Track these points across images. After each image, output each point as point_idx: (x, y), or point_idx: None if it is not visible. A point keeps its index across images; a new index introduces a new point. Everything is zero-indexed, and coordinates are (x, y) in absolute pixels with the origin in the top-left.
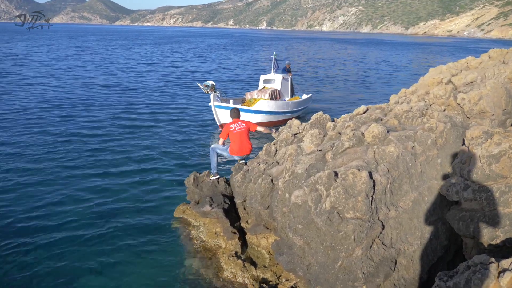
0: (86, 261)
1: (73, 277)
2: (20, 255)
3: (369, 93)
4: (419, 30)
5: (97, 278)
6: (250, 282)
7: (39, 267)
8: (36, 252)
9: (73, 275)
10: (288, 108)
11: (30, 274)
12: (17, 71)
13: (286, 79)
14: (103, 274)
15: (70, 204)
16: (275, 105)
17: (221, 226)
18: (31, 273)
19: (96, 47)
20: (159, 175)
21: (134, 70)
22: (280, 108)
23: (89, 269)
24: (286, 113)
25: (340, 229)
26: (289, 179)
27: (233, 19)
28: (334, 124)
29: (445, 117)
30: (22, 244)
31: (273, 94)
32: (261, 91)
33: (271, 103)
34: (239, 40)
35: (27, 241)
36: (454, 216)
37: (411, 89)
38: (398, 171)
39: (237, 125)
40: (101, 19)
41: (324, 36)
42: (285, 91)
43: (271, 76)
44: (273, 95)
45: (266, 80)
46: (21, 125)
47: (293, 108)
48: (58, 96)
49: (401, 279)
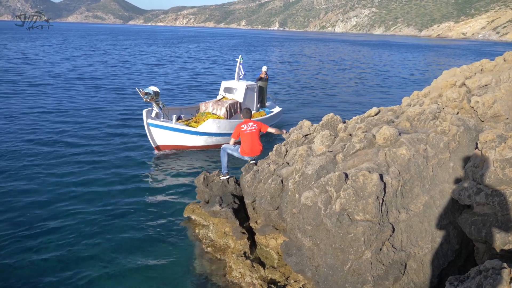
0: (94, 259)
1: (82, 275)
2: (31, 253)
3: (381, 95)
4: (432, 32)
5: (105, 276)
6: (259, 283)
7: (49, 266)
8: (46, 251)
9: (82, 273)
10: None
11: (40, 273)
12: (23, 70)
13: (253, 88)
14: (112, 272)
15: (80, 203)
16: (228, 125)
17: (230, 226)
18: (41, 271)
19: (107, 47)
20: (169, 174)
21: (142, 70)
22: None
23: (98, 267)
24: None
25: (350, 231)
26: (299, 180)
27: (245, 19)
28: (345, 126)
29: (458, 120)
30: (34, 243)
31: (232, 107)
32: (218, 103)
33: (221, 124)
34: (250, 40)
35: (38, 239)
36: (466, 221)
37: (423, 91)
38: (410, 173)
39: (248, 126)
40: (114, 18)
41: (336, 38)
42: (249, 103)
43: (233, 84)
44: (231, 109)
45: (227, 88)
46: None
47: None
48: (64, 95)
49: (411, 282)
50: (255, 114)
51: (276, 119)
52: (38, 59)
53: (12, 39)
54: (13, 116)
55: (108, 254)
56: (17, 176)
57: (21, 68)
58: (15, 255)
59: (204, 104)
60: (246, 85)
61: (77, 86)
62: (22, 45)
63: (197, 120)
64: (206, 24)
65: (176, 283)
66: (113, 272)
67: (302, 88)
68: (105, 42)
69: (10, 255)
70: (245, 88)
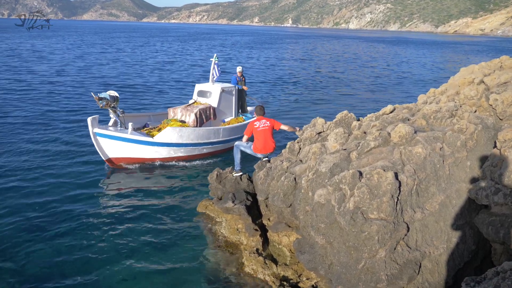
0: (108, 252)
1: (97, 266)
2: (48, 246)
3: (396, 93)
4: (449, 28)
5: (119, 270)
6: (271, 279)
7: (64, 258)
8: (64, 244)
9: (98, 265)
10: (218, 137)
11: (55, 263)
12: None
13: (230, 91)
14: (125, 266)
15: (96, 197)
16: (194, 134)
17: (243, 223)
18: (57, 262)
19: (121, 45)
20: (183, 170)
21: (155, 68)
22: (201, 138)
23: (112, 261)
24: (213, 144)
25: (364, 229)
26: (313, 177)
27: (258, 16)
28: (360, 123)
29: (476, 118)
30: (47, 237)
31: (203, 114)
32: (188, 108)
33: (184, 133)
34: (263, 37)
35: (51, 234)
36: (483, 221)
37: (440, 89)
38: (425, 172)
39: (261, 123)
40: (128, 16)
41: (350, 34)
42: (226, 108)
43: (207, 87)
44: (202, 115)
45: (201, 91)
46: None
47: (228, 136)
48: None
49: (425, 282)
50: (231, 121)
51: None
52: (52, 57)
53: (29, 37)
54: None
55: (119, 248)
56: (19, 175)
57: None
58: (26, 258)
59: (172, 109)
60: (221, 88)
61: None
62: (38, 42)
63: (162, 127)
64: (219, 21)
65: (189, 278)
66: (127, 266)
67: (315, 86)
68: (119, 39)
69: (20, 258)
70: (219, 91)
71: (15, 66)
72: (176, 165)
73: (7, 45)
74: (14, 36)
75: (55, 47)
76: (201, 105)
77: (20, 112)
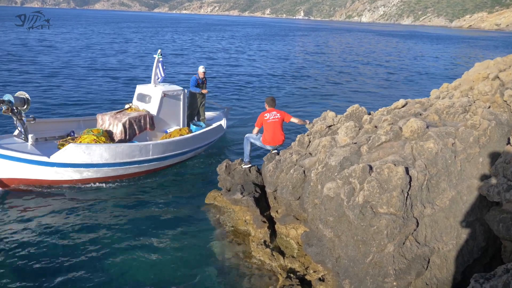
0: (116, 242)
1: (105, 255)
2: (54, 242)
3: (409, 88)
4: (464, 23)
5: (125, 259)
6: (278, 271)
7: (71, 247)
8: (68, 235)
9: (106, 254)
10: (147, 155)
11: (62, 255)
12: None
13: (176, 96)
14: (132, 257)
15: (102, 189)
16: (107, 153)
17: (251, 214)
18: (64, 254)
19: (130, 35)
20: (191, 161)
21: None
22: (121, 157)
23: (119, 250)
24: (140, 164)
25: (373, 223)
26: (322, 171)
27: (270, 8)
28: (371, 117)
29: (489, 114)
30: (53, 232)
31: (135, 123)
32: (117, 116)
33: (93, 151)
34: (274, 29)
35: (57, 227)
36: (494, 218)
37: (454, 84)
38: (436, 168)
39: (271, 115)
40: (140, 6)
41: (363, 28)
42: (170, 116)
43: (147, 90)
44: (133, 125)
45: (140, 95)
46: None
47: (163, 153)
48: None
49: (434, 278)
50: (173, 133)
51: (205, 140)
52: (60, 47)
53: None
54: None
55: (127, 238)
56: None
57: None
58: (35, 245)
59: (101, 116)
60: (163, 91)
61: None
62: (46, 31)
63: (78, 140)
64: (231, 13)
65: (197, 268)
66: (134, 256)
67: (327, 79)
68: (128, 30)
69: (30, 245)
70: (160, 95)
71: (21, 56)
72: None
73: (16, 35)
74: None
75: (64, 37)
76: (135, 112)
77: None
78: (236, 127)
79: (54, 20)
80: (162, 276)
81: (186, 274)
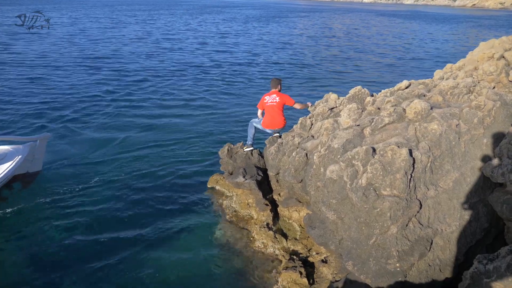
0: (119, 228)
1: (109, 242)
2: (54, 231)
3: (412, 69)
4: (468, 2)
5: (129, 243)
6: (281, 253)
7: (74, 240)
8: (70, 226)
9: (109, 241)
10: None
11: (68, 249)
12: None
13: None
14: (135, 240)
15: (105, 173)
16: None
17: (253, 198)
18: (69, 248)
19: (131, 19)
20: (193, 145)
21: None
22: None
23: (123, 236)
24: None
25: (376, 206)
26: (325, 153)
27: None
28: (373, 99)
29: (494, 95)
30: (54, 219)
31: None
32: None
33: None
34: (274, 11)
35: (61, 215)
36: (497, 199)
37: (458, 64)
38: (440, 149)
39: (270, 98)
40: None
41: (364, 8)
42: None
43: None
44: None
45: None
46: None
47: None
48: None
49: (437, 259)
50: None
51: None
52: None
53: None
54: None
55: (132, 222)
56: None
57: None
58: (37, 235)
59: None
60: None
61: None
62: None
63: None
64: None
65: (200, 252)
66: (137, 239)
67: (329, 61)
68: (122, 13)
69: (36, 236)
70: None
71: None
72: (186, 138)
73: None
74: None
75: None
76: None
77: None
78: (237, 111)
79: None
80: (163, 260)
81: (188, 258)
